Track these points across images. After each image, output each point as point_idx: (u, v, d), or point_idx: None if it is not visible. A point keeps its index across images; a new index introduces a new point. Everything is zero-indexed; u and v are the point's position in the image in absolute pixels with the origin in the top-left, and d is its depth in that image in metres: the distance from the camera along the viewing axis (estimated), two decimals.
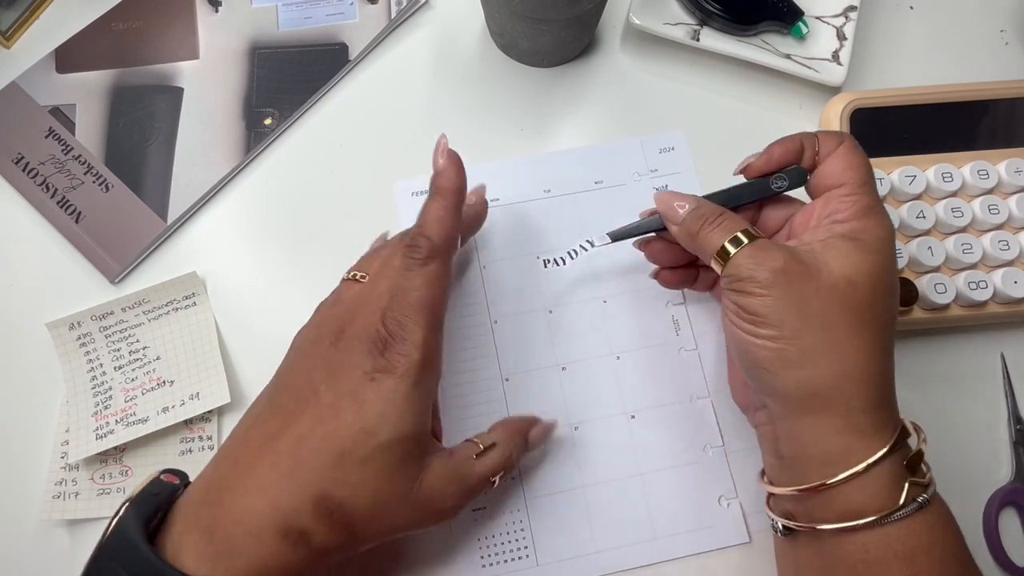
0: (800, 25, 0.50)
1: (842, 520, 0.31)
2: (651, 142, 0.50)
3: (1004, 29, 0.53)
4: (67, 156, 0.49)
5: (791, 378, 0.32)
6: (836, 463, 0.32)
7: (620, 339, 0.45)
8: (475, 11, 0.51)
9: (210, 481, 0.33)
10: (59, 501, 0.42)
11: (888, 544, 0.31)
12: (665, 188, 0.48)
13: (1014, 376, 0.45)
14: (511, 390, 0.44)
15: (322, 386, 0.33)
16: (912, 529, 0.31)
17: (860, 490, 0.31)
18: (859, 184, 0.35)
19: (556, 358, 0.44)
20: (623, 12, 0.52)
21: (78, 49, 0.51)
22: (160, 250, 0.48)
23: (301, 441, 0.32)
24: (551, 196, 0.48)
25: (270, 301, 0.46)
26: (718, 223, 0.35)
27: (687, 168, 0.49)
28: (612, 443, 0.43)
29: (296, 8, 0.52)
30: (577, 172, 0.49)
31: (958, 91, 0.47)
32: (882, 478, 0.31)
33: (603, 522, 0.41)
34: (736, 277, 0.34)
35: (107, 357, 0.45)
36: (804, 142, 0.37)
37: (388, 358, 0.33)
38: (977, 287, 0.44)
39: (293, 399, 0.34)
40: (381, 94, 0.51)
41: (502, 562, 0.41)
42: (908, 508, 0.31)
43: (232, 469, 0.33)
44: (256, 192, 0.49)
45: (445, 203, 0.37)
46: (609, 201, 0.48)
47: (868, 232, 0.34)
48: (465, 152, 0.49)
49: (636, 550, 0.41)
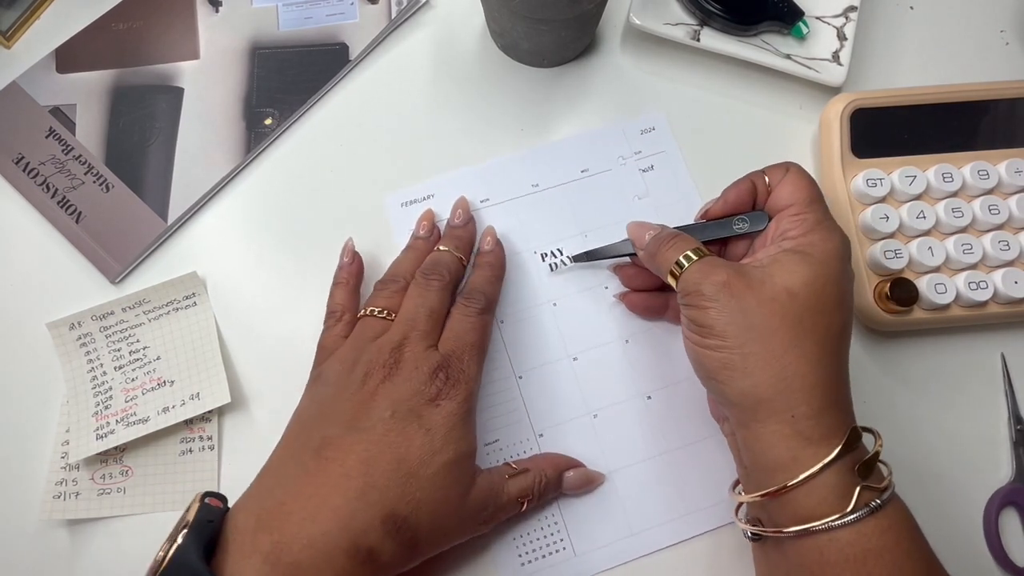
0: (800, 25, 0.50)
1: (796, 524, 0.32)
2: (632, 125, 0.50)
3: (1004, 29, 0.53)
4: (67, 156, 0.49)
5: (737, 387, 0.34)
6: (786, 470, 0.33)
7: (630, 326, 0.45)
8: (475, 11, 0.51)
9: (265, 508, 0.35)
10: (59, 501, 0.42)
11: (839, 548, 0.32)
12: (651, 168, 0.49)
13: (1014, 376, 0.45)
14: (526, 387, 0.44)
15: (387, 413, 0.36)
16: (863, 533, 0.31)
17: (809, 496, 0.32)
18: (806, 203, 0.37)
19: (567, 350, 0.45)
20: (623, 12, 0.52)
21: (78, 49, 0.51)
22: (160, 250, 0.48)
23: (370, 464, 0.35)
24: (539, 190, 0.48)
25: (270, 301, 0.46)
26: (672, 244, 0.38)
27: (671, 147, 0.49)
28: (632, 426, 0.43)
29: (296, 8, 0.52)
30: (562, 164, 0.49)
31: (958, 91, 0.47)
32: (831, 483, 0.32)
33: (635, 505, 0.42)
34: (686, 291, 0.36)
35: (107, 357, 0.45)
36: (754, 180, 0.40)
37: (449, 387, 0.37)
38: (977, 287, 0.44)
39: (345, 427, 0.36)
40: (381, 94, 0.51)
41: (540, 557, 0.41)
42: (859, 513, 0.31)
43: (291, 495, 0.35)
44: (256, 192, 0.49)
45: (495, 274, 0.44)
46: (597, 188, 0.48)
47: (814, 246, 0.35)
48: (466, 152, 0.49)
49: (671, 527, 0.42)
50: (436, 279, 0.41)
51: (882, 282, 0.44)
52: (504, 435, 0.43)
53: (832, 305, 0.35)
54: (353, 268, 0.44)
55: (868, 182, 0.46)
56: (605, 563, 0.41)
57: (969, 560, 0.42)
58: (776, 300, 0.34)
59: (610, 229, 0.47)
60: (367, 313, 0.41)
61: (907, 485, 0.36)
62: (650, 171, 0.49)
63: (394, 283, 0.42)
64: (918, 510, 0.34)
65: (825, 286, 0.34)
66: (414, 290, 0.41)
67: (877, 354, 0.46)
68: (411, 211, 0.47)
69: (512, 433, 0.43)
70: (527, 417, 0.44)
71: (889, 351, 0.46)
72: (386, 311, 0.41)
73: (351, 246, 0.45)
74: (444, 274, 0.41)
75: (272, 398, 0.45)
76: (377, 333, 0.40)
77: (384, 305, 0.41)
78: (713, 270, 0.36)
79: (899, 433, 0.44)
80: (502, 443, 0.43)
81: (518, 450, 0.43)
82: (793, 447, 0.33)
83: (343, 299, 0.43)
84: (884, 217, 0.45)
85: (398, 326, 0.39)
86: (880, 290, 0.44)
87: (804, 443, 0.33)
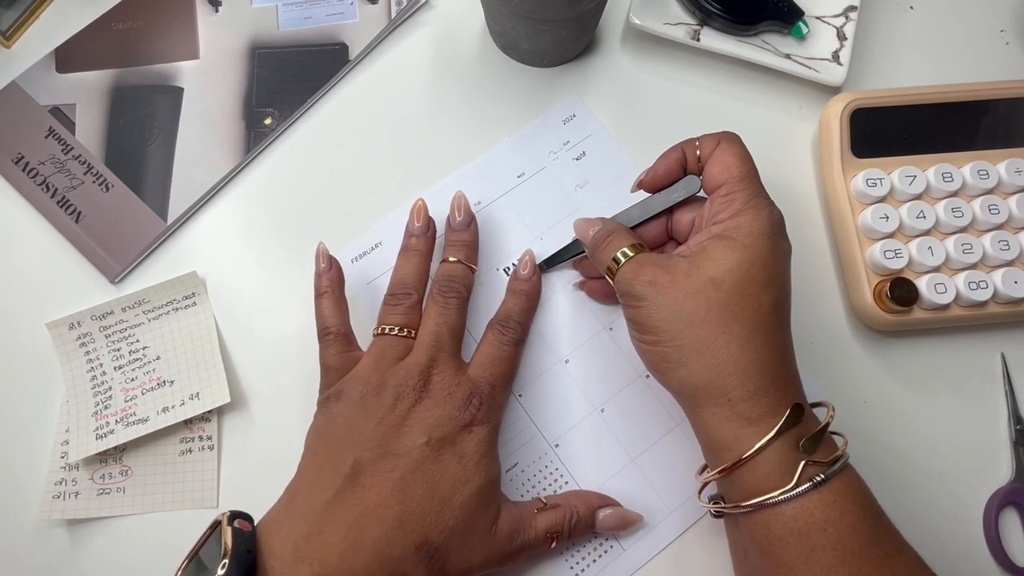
0: (800, 25, 0.50)
1: (747, 500, 0.33)
2: (552, 116, 0.50)
3: (1004, 29, 0.53)
4: (67, 156, 0.49)
5: (675, 377, 0.35)
6: (728, 450, 0.34)
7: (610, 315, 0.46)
8: (475, 11, 0.51)
9: (302, 534, 0.34)
10: (59, 501, 0.42)
11: (784, 522, 0.33)
12: (583, 155, 0.49)
13: (1014, 376, 0.45)
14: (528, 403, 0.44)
15: (421, 439, 0.36)
16: (806, 507, 0.32)
17: (754, 473, 0.33)
18: (736, 181, 0.37)
19: (557, 355, 0.45)
20: (623, 12, 0.52)
21: (78, 49, 0.51)
22: (160, 250, 0.48)
23: (406, 492, 0.35)
24: (482, 207, 0.48)
25: (270, 301, 0.46)
26: (607, 243, 0.39)
27: (596, 129, 0.50)
28: (641, 408, 0.44)
29: (296, 8, 0.52)
30: (497, 174, 0.49)
31: (958, 91, 0.47)
32: (772, 460, 0.33)
33: (663, 483, 0.43)
34: (620, 291, 0.37)
35: (107, 357, 0.45)
36: (684, 149, 0.40)
37: (482, 413, 0.38)
38: (977, 287, 0.44)
39: (378, 451, 0.36)
40: (381, 94, 0.51)
41: (592, 563, 0.41)
42: (802, 487, 0.32)
43: (328, 524, 0.34)
44: (256, 192, 0.49)
45: (531, 304, 0.44)
46: (537, 188, 0.48)
47: (740, 229, 0.36)
48: (466, 152, 0.49)
49: None
50: (454, 297, 0.41)
51: (882, 282, 0.44)
52: (522, 456, 0.43)
53: (759, 286, 0.35)
54: (333, 274, 0.42)
55: (868, 182, 0.46)
56: (652, 549, 0.42)
57: (969, 560, 0.42)
58: (701, 291, 0.34)
59: (562, 225, 0.47)
60: (384, 332, 0.40)
61: (907, 485, 0.36)
62: (583, 158, 0.49)
63: (406, 297, 0.41)
64: (918, 510, 0.34)
65: (751, 269, 0.34)
66: (433, 308, 0.41)
67: (877, 354, 0.46)
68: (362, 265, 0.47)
69: (529, 452, 0.43)
70: (539, 432, 0.44)
71: (889, 351, 0.46)
72: (405, 329, 0.40)
73: (324, 250, 0.43)
74: (461, 290, 0.41)
75: (272, 398, 0.45)
76: (400, 354, 0.39)
77: (401, 323, 0.40)
78: (641, 269, 0.36)
79: (899, 433, 0.44)
80: (522, 465, 0.43)
81: (538, 467, 0.43)
82: (734, 428, 0.34)
83: (332, 311, 0.41)
84: (884, 217, 0.45)
85: (423, 348, 0.39)
86: (880, 290, 0.44)
87: (743, 423, 0.33)
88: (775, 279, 0.35)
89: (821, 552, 0.32)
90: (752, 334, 0.34)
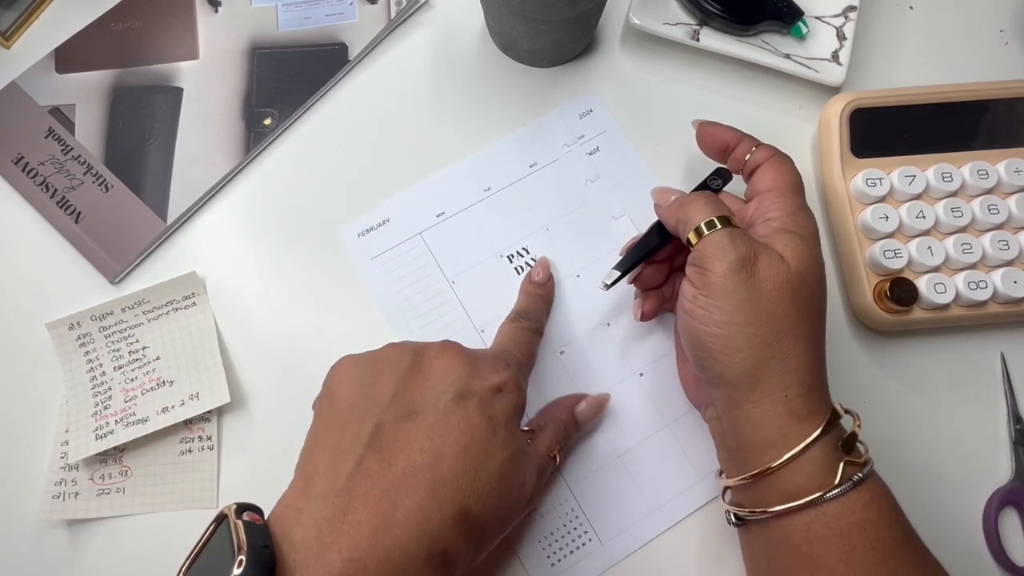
0: (800, 25, 0.50)
1: (784, 502, 0.33)
2: (568, 110, 0.50)
3: (1004, 29, 0.53)
4: (67, 156, 0.49)
5: (737, 367, 0.34)
6: (776, 448, 0.33)
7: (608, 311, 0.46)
8: (475, 11, 0.51)
9: (325, 518, 0.30)
10: (59, 501, 0.42)
11: (826, 522, 0.32)
12: (597, 150, 0.49)
13: (1014, 376, 0.45)
14: None
15: (446, 394, 0.33)
16: (848, 506, 0.32)
17: (797, 472, 0.33)
18: (788, 187, 0.38)
19: (551, 345, 0.45)
20: (623, 12, 0.52)
21: (78, 49, 0.51)
22: (160, 250, 0.48)
23: (435, 454, 0.32)
24: (492, 194, 0.48)
25: (270, 301, 0.46)
26: (708, 202, 0.37)
27: (612, 126, 0.50)
28: (631, 405, 0.44)
29: (296, 8, 0.52)
30: (510, 162, 0.49)
31: (958, 91, 0.47)
32: (817, 459, 0.33)
33: (648, 481, 0.43)
34: (704, 254, 0.35)
35: (107, 357, 0.45)
36: (741, 140, 0.40)
37: (511, 381, 0.35)
38: (977, 287, 0.44)
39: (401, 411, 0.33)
40: (381, 94, 0.51)
41: (569, 554, 0.41)
42: (844, 486, 0.32)
43: (354, 501, 0.30)
44: (256, 192, 0.49)
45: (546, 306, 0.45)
46: (548, 179, 0.49)
47: (802, 226, 0.36)
48: (466, 152, 0.49)
49: (688, 496, 0.42)
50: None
51: (882, 282, 0.44)
52: None
53: (823, 287, 0.36)
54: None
55: (868, 182, 0.46)
56: (634, 544, 0.42)
57: (969, 560, 0.42)
58: (790, 282, 0.34)
59: (570, 218, 0.47)
60: None
61: (908, 485, 0.36)
62: (596, 153, 0.49)
63: None
64: (918, 510, 0.34)
65: (817, 266, 0.36)
66: None
67: (877, 354, 0.46)
68: (368, 240, 0.47)
69: None
70: None
71: (889, 351, 0.46)
72: None
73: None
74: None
75: (272, 398, 0.45)
76: None
77: None
78: (740, 241, 0.35)
79: (899, 433, 0.44)
80: None
81: None
82: (784, 425, 0.33)
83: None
84: (884, 217, 0.45)
85: None
86: (880, 290, 0.44)
87: (794, 420, 0.33)
88: (825, 283, 0.36)
89: (861, 552, 0.32)
90: (815, 331, 0.35)
